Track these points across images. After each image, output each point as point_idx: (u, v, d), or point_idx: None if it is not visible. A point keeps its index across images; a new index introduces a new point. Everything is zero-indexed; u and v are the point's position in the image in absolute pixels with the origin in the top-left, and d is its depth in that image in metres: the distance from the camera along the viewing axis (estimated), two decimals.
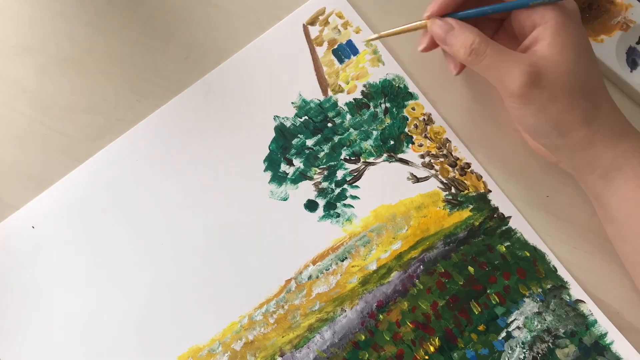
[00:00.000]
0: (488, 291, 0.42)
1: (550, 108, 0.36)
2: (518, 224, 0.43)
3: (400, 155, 0.44)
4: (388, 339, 0.41)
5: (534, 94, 0.36)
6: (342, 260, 0.43)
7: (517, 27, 0.39)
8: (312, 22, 0.46)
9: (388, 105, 0.45)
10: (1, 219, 0.43)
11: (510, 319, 0.42)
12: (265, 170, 0.44)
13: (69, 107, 0.45)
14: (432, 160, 0.44)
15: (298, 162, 0.44)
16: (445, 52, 0.41)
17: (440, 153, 0.44)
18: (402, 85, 0.45)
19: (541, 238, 0.43)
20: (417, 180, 0.44)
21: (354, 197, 0.43)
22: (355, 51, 0.45)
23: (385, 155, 0.44)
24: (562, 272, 0.42)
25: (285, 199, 0.43)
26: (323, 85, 0.45)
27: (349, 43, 0.46)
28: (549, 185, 0.44)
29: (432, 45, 0.40)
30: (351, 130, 0.44)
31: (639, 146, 0.37)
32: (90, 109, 0.45)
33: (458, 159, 0.44)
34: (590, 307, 0.42)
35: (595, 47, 0.44)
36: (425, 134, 0.44)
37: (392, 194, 0.43)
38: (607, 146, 0.37)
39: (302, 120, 0.45)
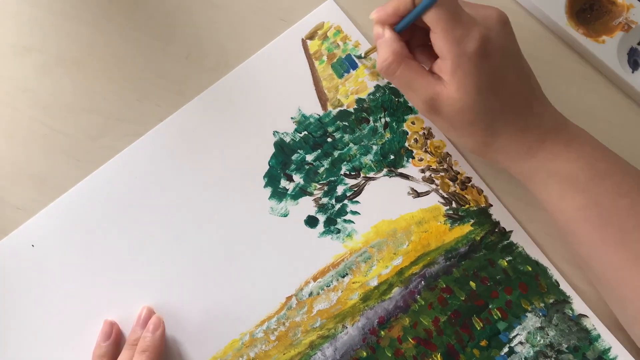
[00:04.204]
0: (490, 306, 0.42)
1: (450, 132, 0.39)
2: (519, 238, 0.43)
3: (400, 170, 0.44)
4: (390, 355, 0.41)
5: (435, 119, 0.38)
6: (343, 277, 0.42)
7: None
8: (311, 36, 0.46)
9: (388, 119, 0.45)
10: (1, 217, 0.43)
11: (513, 334, 0.41)
12: (265, 186, 0.44)
13: (69, 107, 0.45)
14: (432, 175, 0.44)
15: (298, 178, 0.44)
16: None
17: (441, 167, 0.44)
18: (401, 99, 0.45)
19: (543, 252, 0.43)
20: (418, 195, 0.44)
21: (354, 213, 0.43)
22: (354, 65, 0.45)
23: (385, 170, 0.44)
24: (565, 286, 0.42)
25: (285, 215, 0.43)
26: (322, 99, 0.45)
27: (348, 57, 0.45)
28: None
29: None
30: (351, 145, 0.44)
31: (547, 160, 0.38)
32: (90, 109, 0.45)
33: (459, 173, 0.44)
34: (593, 322, 0.41)
35: (596, 48, 0.44)
36: (425, 148, 0.44)
37: (392, 209, 0.43)
38: (511, 163, 0.39)
39: (301, 135, 0.44)
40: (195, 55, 0.46)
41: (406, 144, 0.44)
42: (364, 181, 0.44)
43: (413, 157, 0.44)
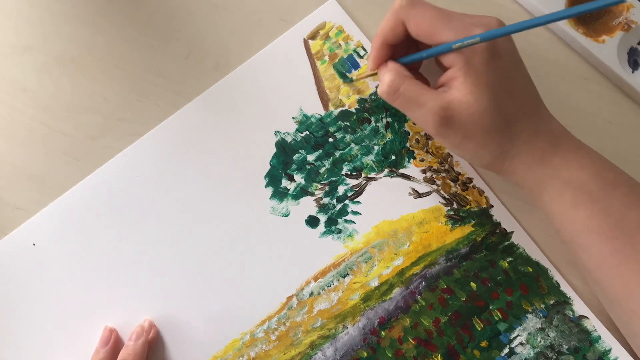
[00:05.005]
0: (490, 307, 0.42)
1: (465, 144, 0.37)
2: (520, 239, 0.43)
3: (401, 171, 0.44)
4: (390, 355, 0.41)
5: (447, 133, 0.37)
6: (344, 277, 0.42)
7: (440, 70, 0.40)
8: (313, 36, 0.46)
9: (389, 119, 0.45)
10: (1, 217, 0.43)
11: (513, 335, 0.41)
12: (267, 186, 0.43)
13: (69, 107, 0.45)
14: (433, 175, 0.44)
15: (299, 178, 0.44)
16: None
17: (442, 168, 0.44)
18: None
19: (544, 253, 0.43)
20: (419, 195, 0.44)
21: (355, 213, 0.43)
22: (356, 65, 0.45)
23: (386, 170, 0.44)
24: (565, 287, 0.42)
25: (286, 215, 0.43)
26: (324, 99, 0.45)
27: (350, 57, 0.45)
28: None
29: None
30: (352, 145, 0.44)
31: (561, 167, 0.37)
32: (90, 109, 0.45)
33: (460, 174, 0.44)
34: (594, 323, 0.41)
35: (596, 48, 0.44)
36: (426, 149, 0.44)
37: (393, 210, 0.43)
38: (527, 171, 0.38)
39: (303, 135, 0.44)
40: (195, 55, 0.45)
41: (407, 145, 0.44)
42: (365, 181, 0.44)
43: (414, 158, 0.44)
